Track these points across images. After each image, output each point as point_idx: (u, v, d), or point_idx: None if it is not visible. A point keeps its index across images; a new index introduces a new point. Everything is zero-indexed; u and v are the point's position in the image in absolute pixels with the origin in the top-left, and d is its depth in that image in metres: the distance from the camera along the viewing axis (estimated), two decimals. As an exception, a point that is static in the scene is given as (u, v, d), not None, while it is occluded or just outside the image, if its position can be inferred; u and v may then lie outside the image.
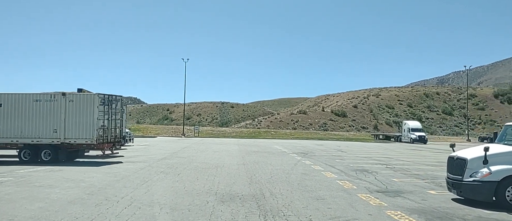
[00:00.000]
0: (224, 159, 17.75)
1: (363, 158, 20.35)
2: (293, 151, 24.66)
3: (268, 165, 15.62)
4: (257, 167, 14.57)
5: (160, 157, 18.35)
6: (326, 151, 26.19)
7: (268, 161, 17.39)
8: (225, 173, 12.62)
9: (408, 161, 19.09)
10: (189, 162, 16.09)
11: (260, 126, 72.23)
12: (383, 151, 27.28)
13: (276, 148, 27.77)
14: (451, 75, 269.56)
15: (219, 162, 16.16)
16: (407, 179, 12.29)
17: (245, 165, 15.44)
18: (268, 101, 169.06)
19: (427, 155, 25.00)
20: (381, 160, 19.55)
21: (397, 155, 23.40)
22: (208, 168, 13.99)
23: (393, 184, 10.95)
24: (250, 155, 20.90)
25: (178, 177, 11.43)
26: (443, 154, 25.55)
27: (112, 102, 15.34)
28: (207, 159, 17.54)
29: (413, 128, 44.46)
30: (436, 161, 19.78)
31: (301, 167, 15.22)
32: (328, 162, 17.33)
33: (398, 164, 17.52)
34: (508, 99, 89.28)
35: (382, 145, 37.97)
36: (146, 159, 16.90)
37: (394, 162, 18.56)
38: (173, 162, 15.97)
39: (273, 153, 22.90)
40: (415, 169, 15.26)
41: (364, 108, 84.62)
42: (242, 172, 12.89)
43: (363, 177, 12.44)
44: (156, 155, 19.58)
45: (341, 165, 16.10)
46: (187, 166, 14.57)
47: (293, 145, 33.41)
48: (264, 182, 10.84)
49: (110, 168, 13.44)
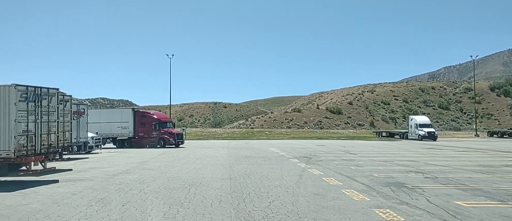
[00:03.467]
0: (205, 170, 13.40)
1: (382, 162, 16.18)
2: (293, 155, 20.41)
3: (264, 178, 11.33)
4: (249, 184, 10.26)
5: (120, 170, 13.91)
6: (332, 153, 22.00)
7: (263, 171, 13.10)
8: (198, 198, 8.29)
9: (442, 166, 14.96)
10: (155, 177, 11.70)
11: (253, 125, 68.30)
12: (399, 152, 23.17)
13: (272, 151, 23.50)
14: (442, 71, 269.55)
15: (197, 176, 11.80)
16: (474, 199, 8.12)
17: (232, 180, 11.12)
18: (261, 101, 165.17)
19: (453, 155, 20.92)
20: (406, 164, 15.40)
21: (420, 157, 19.30)
22: (177, 188, 9.63)
23: (465, 213, 6.76)
24: (241, 162, 16.60)
25: (119, 210, 7.07)
26: (472, 154, 21.51)
27: (42, 97, 10.86)
28: (182, 172, 13.17)
29: (421, 123, 40.51)
30: (476, 164, 15.71)
31: (309, 180, 10.96)
32: (343, 171, 13.11)
33: (434, 170, 13.37)
34: (504, 92, 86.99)
35: (391, 144, 33.95)
36: (98, 175, 12.45)
37: (425, 167, 14.42)
38: (132, 178, 11.57)
39: (269, 158, 18.63)
40: (467, 180, 11.11)
41: (359, 105, 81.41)
42: (226, 196, 8.58)
43: (407, 198, 8.23)
44: (118, 166, 15.13)
45: (362, 175, 11.88)
46: (148, 184, 10.19)
47: (291, 146, 29.17)
48: (259, 217, 6.56)
49: (24, 195, 8.96)
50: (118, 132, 28.96)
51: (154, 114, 31.10)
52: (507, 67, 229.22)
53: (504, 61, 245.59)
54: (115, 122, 28.92)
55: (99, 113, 30.34)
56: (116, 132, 28.94)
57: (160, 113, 35.27)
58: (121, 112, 30.86)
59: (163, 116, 33.40)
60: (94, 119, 27.14)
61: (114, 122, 28.94)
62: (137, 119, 29.20)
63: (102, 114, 30.28)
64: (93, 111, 31.11)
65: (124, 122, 28.95)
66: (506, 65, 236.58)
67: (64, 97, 14.37)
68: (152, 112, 31.77)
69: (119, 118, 29.40)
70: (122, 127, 28.83)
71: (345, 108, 78.59)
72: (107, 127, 28.56)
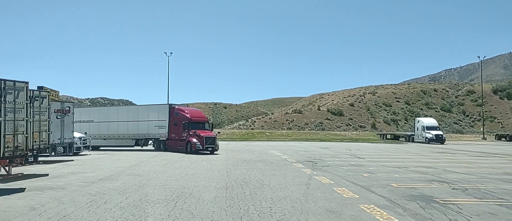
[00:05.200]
0: (198, 177, 11.79)
1: (396, 169, 14.59)
2: (296, 159, 18.81)
3: (266, 188, 9.73)
4: (247, 196, 8.66)
5: (103, 175, 12.30)
6: (338, 157, 20.40)
7: (264, 179, 11.51)
8: (184, 217, 6.68)
9: (465, 174, 13.36)
10: (139, 185, 10.09)
11: (254, 126, 66.77)
12: (410, 156, 21.57)
13: (274, 154, 21.90)
14: (443, 73, 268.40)
15: (188, 185, 10.20)
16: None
17: (228, 189, 9.52)
18: (261, 102, 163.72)
19: (470, 161, 19.31)
20: (424, 172, 13.81)
21: (435, 163, 17.71)
22: (161, 201, 8.02)
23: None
24: (239, 167, 15.00)
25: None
26: (490, 159, 19.87)
27: (7, 92, 9.26)
28: (172, 178, 11.56)
29: (428, 126, 38.87)
30: (502, 171, 14.12)
31: (319, 191, 9.36)
32: (355, 179, 11.51)
33: (458, 180, 11.78)
34: (507, 94, 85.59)
35: (399, 147, 32.34)
36: (74, 182, 10.83)
37: (446, 175, 12.83)
38: (112, 186, 9.96)
39: (270, 162, 17.03)
40: (503, 192, 9.50)
41: (360, 106, 79.97)
42: (219, 213, 6.97)
43: (444, 219, 6.63)
44: (102, 171, 13.51)
45: (379, 185, 10.28)
46: (129, 195, 8.58)
47: (293, 148, 27.56)
48: (261, 248, 4.95)
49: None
50: (155, 132, 25.76)
51: (187, 111, 25.29)
52: (508, 70, 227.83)
53: (505, 64, 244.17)
54: (153, 120, 25.81)
55: (137, 110, 27.69)
56: (154, 132, 25.79)
57: (196, 110, 27.82)
58: (158, 109, 26.27)
59: (198, 113, 26.50)
60: (129, 118, 26.18)
61: (151, 120, 25.89)
62: (170, 117, 25.13)
63: (140, 110, 27.33)
64: (124, 108, 29.82)
65: (162, 120, 25.49)
66: (507, 68, 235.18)
67: (41, 93, 12.78)
68: (185, 109, 25.81)
69: (156, 115, 25.89)
70: (159, 126, 25.49)
71: (346, 110, 77.17)
72: (144, 126, 25.96)
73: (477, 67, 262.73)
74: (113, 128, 26.97)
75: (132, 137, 26.55)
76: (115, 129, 26.94)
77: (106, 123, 27.24)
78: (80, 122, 25.93)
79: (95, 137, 26.08)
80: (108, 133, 27.16)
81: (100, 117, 27.84)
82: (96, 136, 26.28)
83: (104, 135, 27.16)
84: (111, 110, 30.33)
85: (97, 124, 27.42)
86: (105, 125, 27.21)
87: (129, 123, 26.52)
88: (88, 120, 27.61)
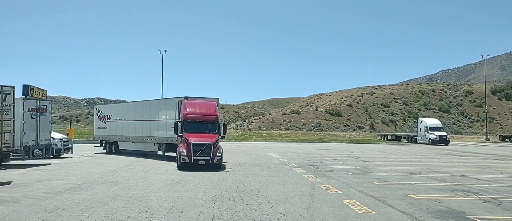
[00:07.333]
0: (184, 186, 10.18)
1: (408, 174, 13.05)
2: (296, 162, 17.24)
3: (262, 201, 8.13)
4: (240, 212, 7.06)
5: (74, 183, 10.65)
6: (341, 160, 18.85)
7: (261, 188, 9.91)
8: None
9: (488, 181, 11.84)
10: (111, 197, 8.45)
11: (251, 127, 65.29)
12: (418, 159, 20.06)
13: (271, 157, 20.32)
14: (440, 74, 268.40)
15: (170, 197, 8.58)
16: None
17: (217, 202, 7.92)
18: (258, 102, 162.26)
19: (485, 164, 17.80)
20: (441, 178, 12.27)
21: (448, 167, 16.21)
22: (132, 219, 6.39)
23: None
24: (233, 172, 13.38)
25: None
26: (505, 162, 18.31)
27: None
28: (153, 187, 9.93)
29: (432, 126, 37.45)
30: (527, 177, 12.62)
31: (325, 205, 7.79)
32: (365, 188, 9.94)
33: (484, 188, 10.25)
34: (506, 95, 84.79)
35: (402, 149, 30.86)
36: (36, 192, 9.18)
37: (467, 182, 11.30)
38: (79, 199, 8.32)
39: (268, 166, 15.44)
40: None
41: (359, 107, 78.78)
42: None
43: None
44: (75, 177, 11.85)
45: (395, 196, 8.73)
46: (93, 212, 6.95)
47: (292, 150, 25.98)
48: None
49: None
50: (163, 135, 18.84)
51: (188, 106, 15.92)
52: (504, 71, 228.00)
53: (502, 65, 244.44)
54: (163, 120, 19.11)
55: (142, 106, 21.07)
56: (162, 135, 18.93)
57: (200, 103, 16.63)
58: (166, 104, 19.23)
59: (200, 108, 16.10)
60: (131, 117, 21.34)
61: (160, 119, 19.31)
62: (179, 114, 16.87)
63: (144, 106, 20.76)
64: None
65: (171, 119, 17.96)
66: (504, 69, 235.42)
67: (3, 88, 11.12)
68: (189, 103, 16.17)
69: (164, 113, 19.13)
70: (170, 126, 17.62)
71: (344, 110, 75.99)
72: (155, 127, 19.63)
73: (474, 68, 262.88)
74: (139, 129, 20.83)
75: (154, 141, 19.69)
76: (140, 130, 20.78)
77: (140, 122, 20.73)
78: (116, 120, 22.27)
79: (125, 139, 21.74)
80: (135, 134, 21.06)
81: (136, 114, 21.23)
82: (125, 138, 21.70)
83: (132, 137, 21.28)
84: (145, 105, 21.32)
85: (127, 123, 21.82)
86: (135, 125, 21.17)
87: (132, 123, 21.36)
88: (120, 118, 22.39)
